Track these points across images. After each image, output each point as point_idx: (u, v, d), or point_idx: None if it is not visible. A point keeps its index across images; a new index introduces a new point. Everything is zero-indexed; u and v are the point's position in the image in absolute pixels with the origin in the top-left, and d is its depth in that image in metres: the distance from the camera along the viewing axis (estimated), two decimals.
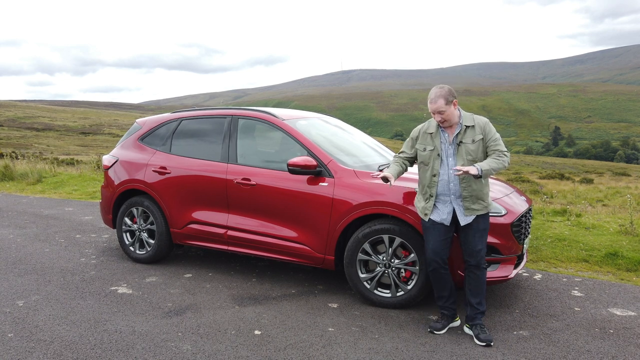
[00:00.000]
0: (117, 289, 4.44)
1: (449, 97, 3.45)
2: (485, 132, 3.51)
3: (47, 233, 6.65)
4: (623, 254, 5.34)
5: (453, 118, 3.51)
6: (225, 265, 5.17)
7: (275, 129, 4.67)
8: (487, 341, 3.38)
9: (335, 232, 4.13)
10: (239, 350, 3.30)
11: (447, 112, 3.46)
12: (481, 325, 3.49)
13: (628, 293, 4.43)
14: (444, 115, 3.47)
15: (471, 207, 3.48)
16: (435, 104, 3.46)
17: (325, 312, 3.94)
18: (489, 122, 3.58)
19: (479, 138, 3.49)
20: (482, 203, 3.51)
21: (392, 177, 3.63)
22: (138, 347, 3.31)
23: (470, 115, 3.58)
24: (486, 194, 3.53)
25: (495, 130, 3.55)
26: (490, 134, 3.50)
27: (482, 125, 3.53)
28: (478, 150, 3.50)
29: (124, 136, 5.71)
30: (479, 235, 3.50)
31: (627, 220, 6.49)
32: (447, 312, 3.66)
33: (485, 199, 3.52)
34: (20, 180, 12.26)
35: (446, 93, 3.46)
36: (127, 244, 5.33)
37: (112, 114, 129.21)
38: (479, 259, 3.49)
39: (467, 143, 3.49)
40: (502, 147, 3.49)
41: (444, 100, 3.45)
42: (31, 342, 3.38)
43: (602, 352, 3.29)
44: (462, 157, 3.49)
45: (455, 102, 3.48)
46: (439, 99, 3.46)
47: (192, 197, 4.88)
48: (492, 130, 3.54)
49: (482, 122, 3.55)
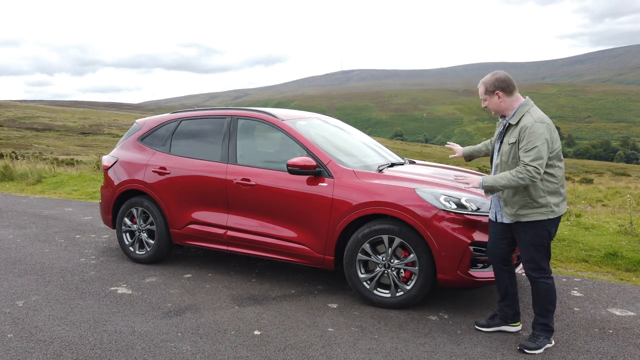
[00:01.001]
0: (116, 289, 4.44)
1: (491, 86, 3.30)
2: (520, 137, 3.17)
3: (47, 233, 6.65)
4: (622, 254, 5.34)
5: (500, 108, 3.33)
6: (224, 266, 5.17)
7: (275, 129, 4.67)
8: (522, 347, 3.28)
9: (335, 232, 4.13)
10: (238, 350, 3.30)
11: (487, 101, 3.35)
12: (534, 335, 3.32)
13: (627, 293, 4.43)
14: (485, 102, 3.37)
15: (504, 209, 3.35)
16: (479, 90, 3.40)
17: (324, 313, 3.94)
18: (532, 128, 3.13)
19: (512, 141, 3.23)
20: (511, 209, 3.28)
21: (459, 149, 3.84)
22: (138, 348, 3.32)
23: (525, 112, 3.24)
24: (517, 202, 3.24)
25: (536, 139, 3.09)
26: (525, 141, 3.13)
27: (520, 127, 3.19)
28: (510, 154, 3.25)
29: (124, 136, 5.71)
30: (523, 249, 3.31)
31: (627, 220, 6.50)
32: (499, 312, 3.61)
33: (515, 207, 3.25)
34: (20, 180, 12.26)
35: (489, 81, 3.32)
36: (126, 244, 5.33)
37: (112, 114, 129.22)
38: (526, 272, 3.33)
39: (504, 143, 3.31)
40: (529, 158, 3.08)
41: (484, 88, 3.35)
42: (31, 343, 3.38)
43: (601, 352, 3.30)
44: (499, 157, 3.34)
45: (499, 93, 3.28)
46: (481, 86, 3.37)
47: (191, 198, 4.88)
48: (530, 137, 3.11)
49: (524, 124, 3.18)
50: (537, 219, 3.22)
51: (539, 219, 3.22)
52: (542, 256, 3.30)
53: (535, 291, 3.36)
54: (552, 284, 3.33)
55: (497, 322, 3.59)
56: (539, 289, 3.32)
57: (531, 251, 3.28)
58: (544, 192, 3.21)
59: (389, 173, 4.29)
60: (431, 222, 3.77)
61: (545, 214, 3.21)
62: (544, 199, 3.21)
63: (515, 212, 3.27)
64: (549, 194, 3.22)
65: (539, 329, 3.34)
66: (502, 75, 3.33)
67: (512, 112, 3.31)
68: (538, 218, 3.22)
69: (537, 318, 3.36)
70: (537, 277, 3.31)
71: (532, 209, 3.22)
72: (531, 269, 3.31)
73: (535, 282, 3.33)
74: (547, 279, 3.31)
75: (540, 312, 3.35)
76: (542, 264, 3.30)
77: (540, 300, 3.33)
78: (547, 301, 3.32)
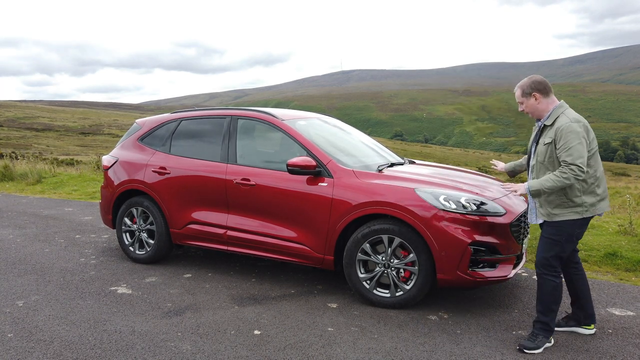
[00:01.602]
0: (116, 289, 4.44)
1: (528, 89, 3.34)
2: (557, 137, 3.19)
3: (47, 233, 6.66)
4: (622, 254, 5.34)
5: (537, 110, 3.35)
6: (224, 266, 5.18)
7: (275, 129, 4.67)
8: (521, 346, 3.28)
9: (335, 232, 4.13)
10: (238, 350, 3.30)
11: (525, 104, 3.37)
12: (533, 334, 3.33)
13: (627, 293, 4.43)
14: (523, 105, 3.40)
15: (538, 209, 3.38)
16: (515, 92, 3.43)
17: (324, 312, 3.95)
18: (567, 127, 3.15)
19: (547, 142, 3.24)
20: (545, 209, 3.31)
21: (502, 166, 3.89)
22: (138, 347, 3.32)
23: (560, 114, 3.27)
24: (552, 202, 3.26)
25: (573, 138, 3.12)
26: (562, 141, 3.15)
27: (556, 128, 3.21)
28: (546, 154, 3.26)
29: (124, 136, 5.72)
30: (542, 241, 3.36)
31: (627, 220, 6.50)
32: (573, 315, 3.63)
33: (550, 207, 3.27)
34: (20, 180, 12.26)
35: (526, 83, 3.36)
36: (126, 244, 5.34)
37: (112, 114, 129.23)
38: (537, 266, 3.36)
39: (540, 144, 3.34)
40: (571, 157, 3.10)
41: (520, 90, 3.38)
42: (31, 342, 3.39)
43: (600, 352, 3.30)
44: (535, 158, 3.36)
45: (536, 95, 3.32)
46: (517, 89, 3.40)
47: (191, 198, 4.89)
48: (567, 137, 3.13)
49: (560, 124, 3.21)
50: (570, 218, 3.24)
51: (572, 218, 3.24)
52: (556, 253, 3.30)
53: (541, 288, 3.36)
54: (560, 284, 3.33)
55: (571, 324, 3.60)
56: (546, 286, 3.32)
57: (548, 245, 3.30)
58: (580, 191, 3.24)
59: (389, 173, 4.30)
60: (431, 222, 3.78)
61: (580, 213, 3.24)
62: (579, 199, 3.24)
63: (549, 212, 3.29)
64: (584, 193, 3.25)
65: (538, 328, 3.34)
66: (539, 78, 3.39)
67: (547, 113, 3.35)
68: (571, 217, 3.24)
69: (539, 316, 3.36)
70: (545, 273, 3.32)
71: (567, 209, 3.25)
72: (541, 264, 3.32)
73: (542, 278, 3.34)
74: (555, 277, 3.31)
75: (543, 310, 3.34)
76: (553, 261, 3.30)
77: (545, 298, 3.33)
78: (551, 300, 3.32)
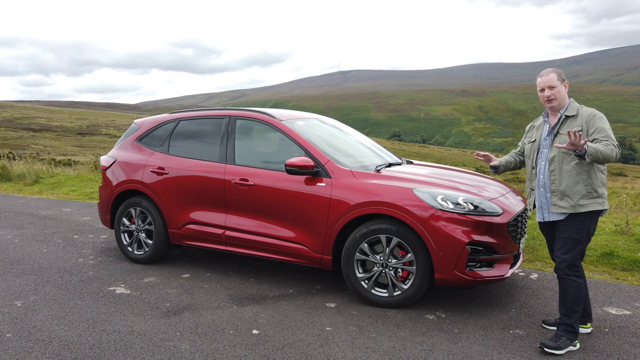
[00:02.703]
0: (115, 289, 4.45)
1: (562, 75, 3.35)
2: (588, 124, 3.23)
3: (45, 234, 6.65)
4: (619, 254, 5.37)
5: (562, 99, 3.35)
6: (223, 266, 5.18)
7: (273, 129, 4.69)
8: (542, 345, 3.26)
9: (333, 232, 4.15)
10: (237, 349, 3.31)
11: (558, 87, 3.32)
12: (557, 335, 3.30)
13: (623, 292, 4.46)
14: (553, 90, 3.32)
15: (558, 204, 3.30)
16: (547, 76, 3.36)
17: (322, 312, 3.96)
18: (596, 115, 3.25)
19: (577, 129, 3.17)
20: (570, 201, 3.25)
21: (495, 159, 3.81)
22: (136, 347, 3.33)
23: (578, 105, 3.36)
24: (578, 192, 3.23)
25: (605, 123, 3.21)
26: (595, 126, 3.19)
27: (585, 117, 3.26)
28: None
29: (122, 137, 5.72)
30: (562, 242, 3.31)
31: (623, 220, 6.53)
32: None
33: (576, 198, 3.23)
34: (18, 181, 12.24)
35: (559, 70, 3.37)
36: (125, 244, 5.34)
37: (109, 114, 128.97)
38: (559, 268, 3.32)
39: (563, 134, 3.28)
40: (612, 137, 3.15)
41: (556, 75, 3.34)
42: (29, 342, 3.39)
43: (597, 351, 3.32)
44: (555, 149, 3.31)
45: (566, 84, 3.36)
46: (551, 73, 3.36)
47: (190, 198, 4.89)
48: (599, 123, 3.20)
49: (586, 113, 3.28)
50: (594, 209, 3.24)
51: (596, 209, 3.25)
52: (578, 253, 3.29)
53: (563, 289, 3.33)
54: (582, 283, 3.30)
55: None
56: (568, 287, 3.29)
57: (569, 245, 3.28)
58: (601, 182, 3.27)
59: (387, 173, 4.32)
60: (428, 221, 3.80)
61: (601, 205, 3.26)
62: (601, 189, 3.27)
63: (576, 203, 3.24)
64: (602, 185, 3.29)
65: (562, 329, 3.31)
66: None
67: (565, 106, 3.37)
68: (596, 208, 3.24)
69: (562, 318, 3.33)
70: (568, 274, 3.29)
71: (592, 199, 3.24)
72: (565, 265, 3.29)
73: (564, 279, 3.31)
74: (578, 277, 3.29)
75: (567, 312, 3.31)
76: (575, 261, 3.29)
77: (568, 299, 3.30)
78: (574, 301, 3.29)
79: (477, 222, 3.81)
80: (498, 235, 3.86)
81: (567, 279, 3.30)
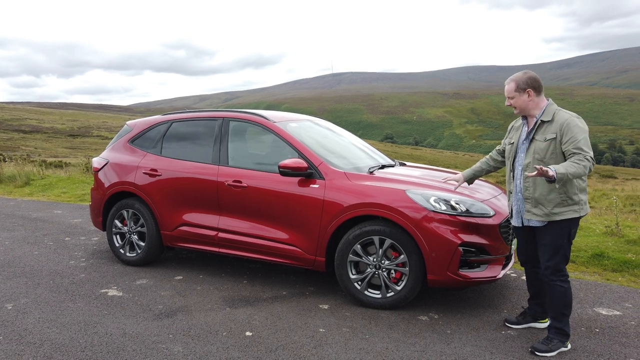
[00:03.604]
0: (107, 292, 4.42)
1: (523, 84, 3.28)
2: (562, 131, 3.16)
3: (36, 236, 6.60)
4: (609, 255, 5.42)
5: (525, 107, 3.31)
6: (216, 268, 5.17)
7: (267, 131, 4.69)
8: (533, 349, 3.28)
9: (326, 233, 4.15)
10: (230, 351, 3.31)
11: (515, 98, 3.30)
12: (548, 337, 3.31)
13: (613, 293, 4.50)
14: (512, 100, 3.33)
15: (532, 211, 3.29)
16: (507, 86, 3.35)
17: (316, 313, 3.96)
18: (572, 121, 3.16)
19: (550, 137, 3.19)
20: (545, 209, 3.23)
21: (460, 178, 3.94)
22: (129, 350, 3.31)
23: (556, 110, 3.28)
24: (552, 200, 3.21)
25: (579, 132, 3.12)
26: (569, 135, 3.12)
27: (560, 124, 3.18)
28: (548, 150, 3.21)
29: (114, 138, 5.69)
30: (544, 249, 3.30)
31: (613, 221, 6.60)
32: (529, 310, 3.67)
33: (550, 206, 3.21)
34: (8, 182, 12.13)
35: (521, 78, 3.30)
36: (117, 246, 5.31)
37: (101, 116, 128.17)
38: (544, 274, 3.32)
39: (538, 140, 3.25)
40: (584, 149, 3.07)
41: (515, 85, 3.31)
42: (20, 345, 3.36)
43: (588, 351, 3.35)
44: (530, 155, 3.28)
45: (530, 92, 3.28)
46: (511, 82, 3.34)
47: (183, 200, 4.88)
48: (573, 130, 3.12)
49: (561, 120, 3.19)
50: (570, 217, 3.22)
51: (572, 217, 3.23)
52: (561, 258, 3.28)
53: (551, 294, 3.34)
54: (569, 287, 3.31)
55: (527, 320, 3.67)
56: (555, 292, 3.30)
57: (551, 251, 3.27)
58: (577, 189, 3.23)
59: (380, 175, 4.33)
60: (421, 223, 3.82)
61: (577, 212, 3.24)
62: (577, 196, 3.22)
63: (549, 211, 3.23)
64: (580, 191, 3.24)
65: (553, 332, 3.33)
66: (534, 75, 3.35)
67: (540, 110, 3.32)
68: (571, 216, 3.22)
69: (552, 322, 3.35)
70: (554, 280, 3.29)
71: (567, 207, 3.22)
72: (549, 272, 3.29)
73: (550, 285, 3.32)
74: (564, 282, 3.30)
75: (555, 316, 3.33)
76: (560, 266, 3.29)
77: (556, 304, 3.31)
78: (563, 305, 3.30)
79: (470, 223, 3.84)
80: (490, 236, 3.88)
81: (554, 285, 3.31)
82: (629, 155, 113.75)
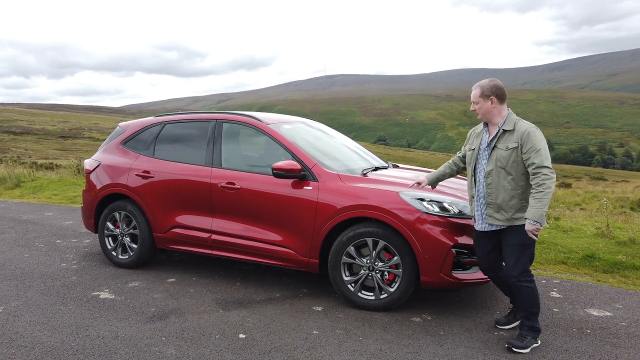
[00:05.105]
0: (99, 294, 4.39)
1: (488, 91, 3.37)
2: (523, 141, 3.25)
3: (27, 238, 6.54)
4: (600, 256, 5.47)
5: (487, 114, 3.40)
6: (209, 270, 5.15)
7: (260, 133, 4.69)
8: (510, 345, 3.35)
9: (320, 235, 4.15)
10: (223, 354, 3.30)
11: (479, 104, 3.40)
12: (521, 334, 3.39)
13: (604, 294, 4.54)
14: (476, 106, 3.43)
15: (494, 216, 3.38)
16: (473, 91, 3.45)
17: (309, 315, 3.96)
18: (532, 132, 3.25)
19: (512, 146, 3.28)
20: (506, 214, 3.33)
21: (424, 180, 3.95)
22: (121, 352, 3.29)
23: (516, 120, 3.36)
24: (514, 206, 3.31)
25: (539, 142, 3.22)
26: (529, 145, 3.22)
27: (520, 133, 3.27)
28: (509, 159, 3.30)
29: (107, 140, 5.66)
30: (509, 250, 3.37)
31: (604, 223, 6.66)
32: (515, 309, 3.71)
33: (511, 212, 3.31)
34: None
35: (487, 85, 3.39)
36: (109, 248, 5.28)
37: (92, 117, 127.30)
38: (513, 276, 3.36)
39: (500, 149, 3.34)
40: (542, 162, 3.17)
41: (480, 90, 3.40)
42: (11, 349, 3.33)
43: (579, 352, 3.38)
44: (492, 163, 3.37)
45: (493, 99, 3.36)
46: (477, 88, 3.42)
47: (175, 202, 4.86)
48: (533, 140, 3.22)
49: (522, 128, 3.28)
50: None
51: None
52: (527, 258, 3.37)
53: (519, 295, 3.43)
54: (535, 287, 3.40)
55: (516, 319, 3.70)
56: (523, 293, 3.38)
57: (517, 252, 3.34)
58: None
59: (373, 177, 4.34)
60: (414, 225, 3.83)
61: None
62: None
63: (511, 217, 3.33)
64: None
65: (526, 330, 3.41)
66: (499, 83, 3.43)
67: (502, 119, 3.39)
68: None
69: (524, 321, 3.42)
70: (521, 280, 3.36)
71: (519, 213, 3.32)
72: (517, 272, 3.35)
73: (518, 286, 3.39)
74: (530, 282, 3.38)
75: (526, 315, 3.41)
76: (527, 266, 3.38)
77: (525, 303, 3.40)
78: (531, 304, 3.39)
79: (462, 225, 3.86)
80: None
81: (522, 286, 3.38)
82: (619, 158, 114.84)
